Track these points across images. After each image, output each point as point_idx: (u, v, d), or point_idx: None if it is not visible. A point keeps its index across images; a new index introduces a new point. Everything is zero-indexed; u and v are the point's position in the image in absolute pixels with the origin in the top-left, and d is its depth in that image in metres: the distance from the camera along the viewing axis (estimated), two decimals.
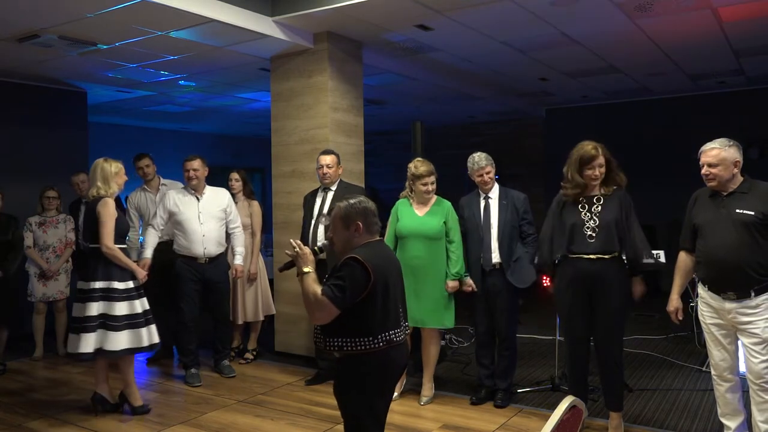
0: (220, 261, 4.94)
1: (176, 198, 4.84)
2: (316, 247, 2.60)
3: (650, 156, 8.53)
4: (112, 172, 4.14)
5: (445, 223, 4.20)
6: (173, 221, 4.84)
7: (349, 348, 2.36)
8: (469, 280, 4.18)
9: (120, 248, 4.03)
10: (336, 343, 2.38)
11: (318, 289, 2.33)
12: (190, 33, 4.88)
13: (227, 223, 4.97)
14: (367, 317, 2.35)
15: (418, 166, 4.24)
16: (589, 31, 5.43)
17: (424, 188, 4.21)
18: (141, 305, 4.06)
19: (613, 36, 5.56)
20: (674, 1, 4.64)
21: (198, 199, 4.85)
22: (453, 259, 4.18)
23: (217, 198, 4.94)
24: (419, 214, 4.24)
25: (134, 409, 4.14)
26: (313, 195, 4.69)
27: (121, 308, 3.95)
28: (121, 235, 4.10)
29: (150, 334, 4.07)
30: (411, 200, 4.31)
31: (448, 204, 4.29)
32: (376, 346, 2.35)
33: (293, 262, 2.48)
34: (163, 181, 5.47)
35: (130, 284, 4.03)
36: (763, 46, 5.96)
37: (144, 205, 5.35)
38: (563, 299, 3.62)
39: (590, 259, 3.47)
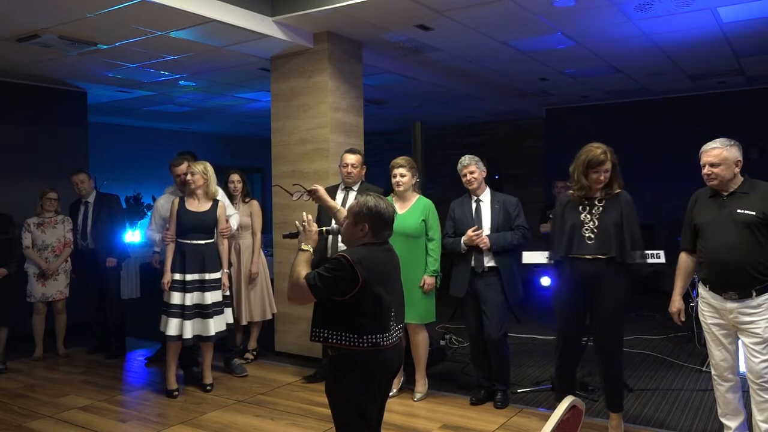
0: None
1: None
2: (324, 228, 2.64)
3: (650, 156, 8.54)
4: None
5: (424, 221, 4.25)
6: None
7: (334, 341, 2.37)
8: (429, 278, 4.24)
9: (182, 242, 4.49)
10: (322, 334, 2.40)
11: (304, 271, 2.37)
12: (190, 33, 4.88)
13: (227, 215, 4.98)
14: (355, 316, 2.35)
15: (396, 158, 4.35)
16: (589, 31, 5.43)
17: (393, 180, 4.30)
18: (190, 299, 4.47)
19: (613, 36, 5.56)
20: (674, 1, 4.64)
21: None
22: (432, 257, 4.24)
23: None
24: (399, 212, 4.25)
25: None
26: (332, 193, 4.65)
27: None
28: (184, 231, 4.49)
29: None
30: (393, 199, 4.36)
31: (428, 202, 4.34)
32: (361, 345, 2.35)
33: (297, 233, 2.54)
34: None
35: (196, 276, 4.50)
36: (763, 46, 5.96)
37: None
38: (561, 298, 3.66)
39: (588, 259, 3.49)
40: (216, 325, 4.50)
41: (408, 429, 3.85)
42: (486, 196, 4.27)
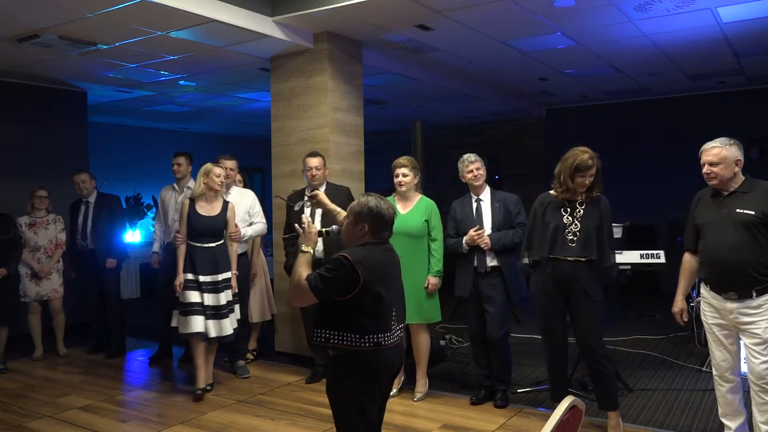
0: (241, 262, 4.95)
1: None
2: (323, 229, 2.66)
3: (650, 156, 8.54)
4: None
5: (427, 221, 4.25)
6: None
7: (336, 341, 2.37)
8: (434, 279, 4.24)
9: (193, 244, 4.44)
10: (323, 335, 2.40)
11: (305, 272, 2.37)
12: (190, 33, 4.88)
13: (252, 222, 5.01)
14: (356, 316, 2.36)
15: (398, 158, 4.34)
16: (589, 31, 5.42)
17: (396, 180, 4.29)
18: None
19: (613, 36, 5.56)
20: (674, 1, 4.64)
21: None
22: (435, 257, 4.25)
23: (243, 200, 4.96)
24: (402, 212, 4.26)
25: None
26: (300, 197, 4.69)
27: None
28: (194, 235, 4.43)
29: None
30: (395, 198, 4.35)
31: (430, 202, 4.34)
32: (363, 345, 2.35)
33: (297, 236, 2.58)
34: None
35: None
36: (763, 46, 5.96)
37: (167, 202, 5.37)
38: (541, 300, 3.70)
39: (569, 261, 3.54)
40: (232, 323, 4.51)
41: (408, 429, 3.85)
42: (486, 195, 4.28)
